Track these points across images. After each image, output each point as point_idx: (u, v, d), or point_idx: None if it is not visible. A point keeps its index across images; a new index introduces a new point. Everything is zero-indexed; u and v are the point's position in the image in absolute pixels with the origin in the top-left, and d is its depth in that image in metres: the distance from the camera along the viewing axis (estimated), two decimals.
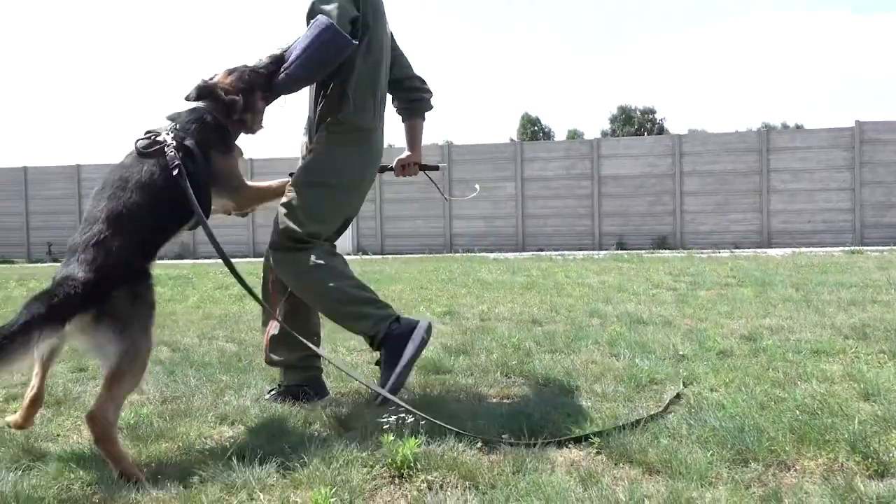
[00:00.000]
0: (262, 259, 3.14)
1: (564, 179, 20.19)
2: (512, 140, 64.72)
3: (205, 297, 7.24)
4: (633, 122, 64.23)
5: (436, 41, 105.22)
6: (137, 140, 2.47)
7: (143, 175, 2.36)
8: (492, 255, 16.40)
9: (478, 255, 17.41)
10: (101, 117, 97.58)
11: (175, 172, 2.36)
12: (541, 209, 20.22)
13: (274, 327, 2.95)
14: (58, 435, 2.59)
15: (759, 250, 16.43)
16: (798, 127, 61.35)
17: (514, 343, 4.01)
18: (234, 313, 5.89)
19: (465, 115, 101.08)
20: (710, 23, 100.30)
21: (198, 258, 21.24)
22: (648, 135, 62.16)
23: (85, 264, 2.13)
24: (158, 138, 2.45)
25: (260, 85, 2.73)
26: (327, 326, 3.25)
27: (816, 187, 18.85)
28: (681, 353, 3.63)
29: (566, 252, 17.71)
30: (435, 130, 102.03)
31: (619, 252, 16.77)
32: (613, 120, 65.70)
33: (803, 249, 15.99)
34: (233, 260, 2.66)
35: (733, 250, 15.86)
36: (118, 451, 2.09)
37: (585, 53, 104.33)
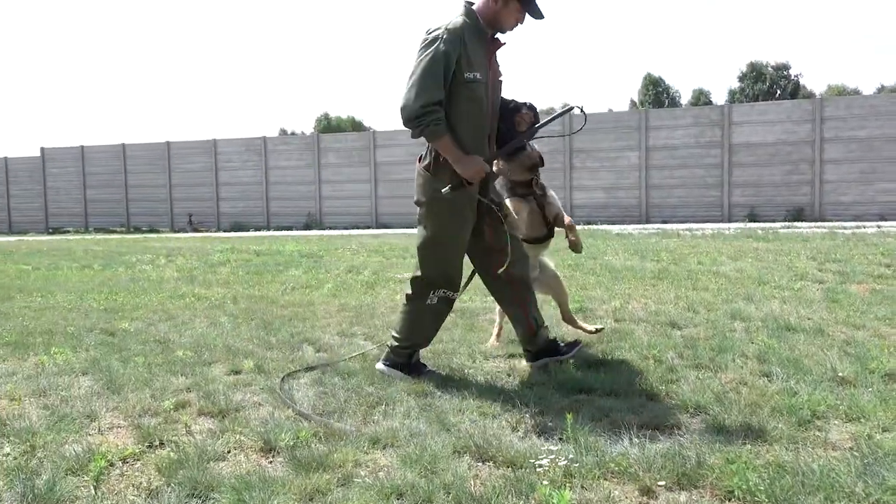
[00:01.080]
0: (384, 230, 3.28)
1: (692, 148, 19.31)
2: (633, 103, 62.50)
3: (339, 283, 7.48)
4: (765, 80, 60.32)
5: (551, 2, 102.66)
6: None
7: None
8: (615, 229, 16.00)
9: (600, 227, 17.05)
10: (236, 96, 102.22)
11: None
12: (666, 179, 19.48)
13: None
14: (227, 452, 2.75)
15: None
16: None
17: (654, 355, 3.90)
18: (368, 304, 6.05)
19: (583, 78, 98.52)
20: None
21: (324, 229, 22.03)
22: (782, 93, 58.35)
23: None
24: None
25: None
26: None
27: None
28: (840, 374, 3.40)
29: (693, 225, 17.01)
30: (551, 94, 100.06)
31: (751, 225, 15.93)
32: (743, 78, 61.94)
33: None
34: (357, 231, 2.72)
35: (879, 224, 14.67)
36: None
37: (710, 4, 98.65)
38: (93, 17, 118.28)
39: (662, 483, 2.29)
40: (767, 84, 60.12)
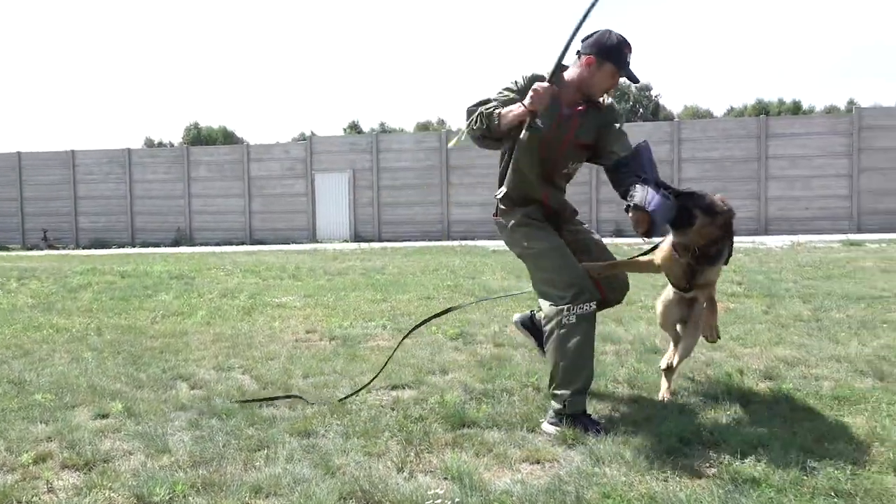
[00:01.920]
0: (259, 246, 3.18)
1: None
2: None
3: (213, 309, 7.21)
4: (629, 99, 63.85)
5: (436, 19, 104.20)
6: None
7: None
8: (491, 245, 16.39)
9: (476, 243, 17.42)
10: (94, 103, 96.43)
11: None
12: None
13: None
14: None
15: (756, 238, 16.48)
16: (795, 103, 61.22)
17: (534, 382, 4.03)
18: (245, 333, 5.88)
19: (459, 94, 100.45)
20: None
21: (194, 245, 21.19)
22: (644, 112, 61.92)
23: None
24: None
25: None
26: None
27: (814, 174, 18.88)
28: (701, 399, 3.65)
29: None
30: (430, 109, 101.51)
31: (617, 241, 16.80)
32: (610, 96, 65.23)
33: (801, 237, 16.06)
34: (231, 248, 2.66)
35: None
36: None
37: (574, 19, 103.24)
38: None
39: None
40: (631, 103, 63.71)
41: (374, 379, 4.06)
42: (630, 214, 3.17)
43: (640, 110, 63.08)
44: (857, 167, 18.57)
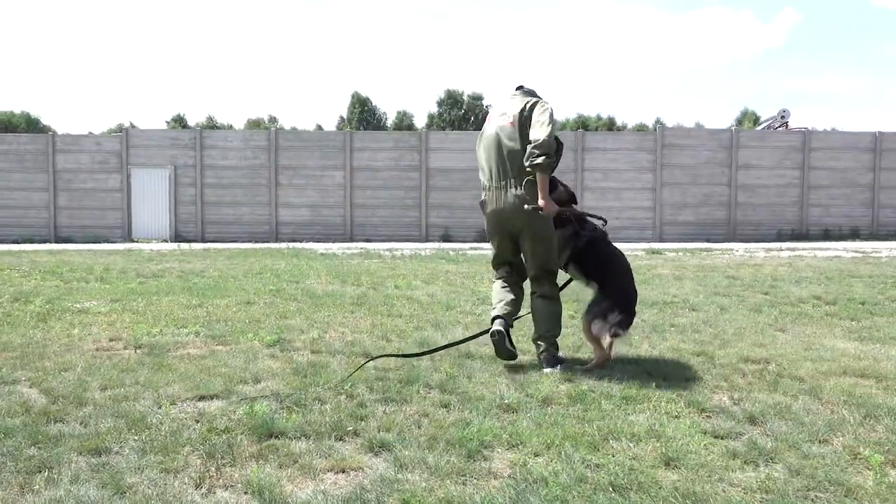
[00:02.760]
0: (65, 245, 2.95)
1: (393, 170, 20.33)
2: (341, 119, 63.87)
3: (1, 316, 6.55)
4: (461, 107, 65.68)
5: (269, 14, 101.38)
6: None
7: None
8: (320, 248, 16.23)
9: (305, 245, 17.17)
10: None
11: None
12: (369, 199, 20.27)
13: None
14: None
15: None
16: (610, 119, 65.93)
17: (347, 390, 4.03)
18: (38, 342, 5.39)
19: (293, 91, 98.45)
20: (530, 6, 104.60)
21: None
22: (475, 120, 63.95)
23: None
24: None
25: None
26: None
27: (624, 186, 20.44)
28: (506, 401, 3.82)
29: (394, 245, 17.92)
30: (261, 106, 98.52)
31: (445, 246, 17.24)
32: (441, 103, 66.75)
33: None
34: (31, 246, 2.45)
35: None
36: None
37: (415, 30, 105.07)
38: None
39: None
40: (463, 111, 65.61)
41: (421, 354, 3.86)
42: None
43: (472, 118, 65.04)
44: (660, 181, 20.34)
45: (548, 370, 4.50)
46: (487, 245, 16.37)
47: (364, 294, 7.92)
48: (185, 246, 17.18)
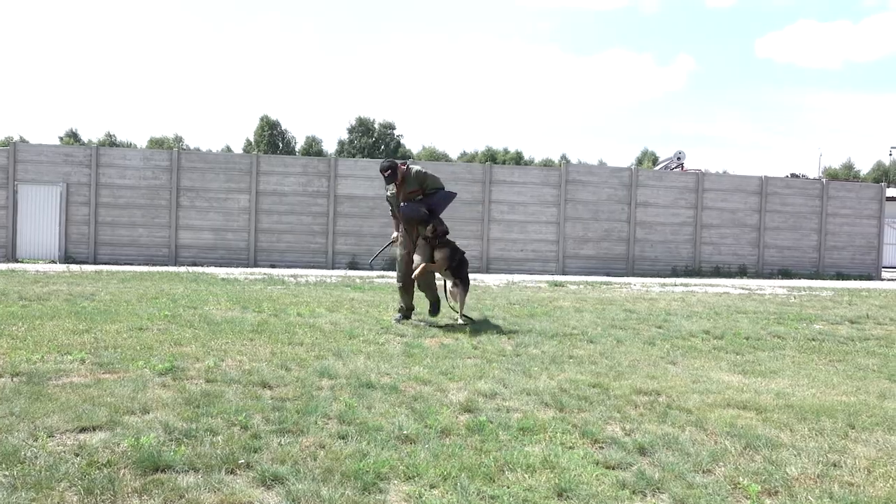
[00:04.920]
0: None
1: (301, 196, 20.08)
2: (248, 142, 62.65)
3: None
4: (372, 135, 65.84)
5: (177, 32, 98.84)
6: None
7: None
8: (221, 272, 15.78)
9: (206, 270, 16.65)
10: None
11: None
12: (275, 224, 19.90)
13: None
14: None
15: (477, 275, 17.76)
16: (518, 153, 67.61)
17: (241, 420, 3.91)
18: None
19: (201, 111, 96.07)
20: (445, 37, 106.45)
21: None
22: (385, 148, 64.23)
23: None
24: None
25: None
26: None
27: (529, 219, 20.91)
28: (405, 432, 3.81)
29: (299, 271, 17.64)
30: (166, 125, 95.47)
31: (351, 273, 17.12)
32: (352, 130, 66.79)
33: (516, 277, 17.64)
34: None
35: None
36: None
37: (326, 56, 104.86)
38: None
39: None
40: (374, 138, 65.78)
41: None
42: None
43: (382, 147, 65.31)
44: (564, 215, 20.95)
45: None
46: (393, 273, 16.33)
47: (265, 321, 7.75)
48: (75, 267, 16.32)
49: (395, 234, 8.42)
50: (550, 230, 20.99)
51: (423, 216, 7.93)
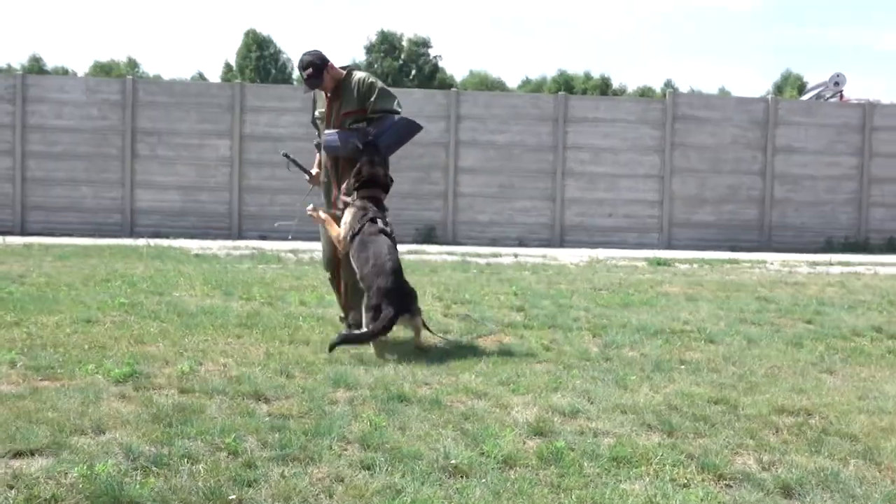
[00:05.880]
0: None
1: (301, 140, 20.19)
2: (228, 66, 63.14)
3: None
4: (399, 55, 65.81)
5: None
6: None
7: None
8: (194, 246, 16.06)
9: (173, 243, 16.90)
10: None
11: None
12: (267, 181, 20.02)
13: None
14: None
15: (549, 251, 17.74)
16: (604, 79, 66.90)
17: (229, 444, 4.00)
18: None
19: (163, 27, 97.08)
20: None
21: None
22: (417, 74, 64.23)
23: None
24: None
25: None
26: None
27: (621, 172, 20.72)
28: (453, 461, 3.85)
29: (300, 244, 17.80)
30: (115, 45, 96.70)
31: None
32: (371, 49, 66.85)
33: (601, 252, 17.57)
34: None
35: (517, 252, 16.91)
36: None
37: None
38: None
39: None
40: (401, 60, 65.75)
41: None
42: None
43: (413, 71, 65.20)
44: (670, 167, 20.71)
45: None
46: (434, 247, 16.32)
47: (256, 312, 7.88)
48: None
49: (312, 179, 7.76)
50: (651, 187, 20.80)
51: (352, 149, 6.77)
